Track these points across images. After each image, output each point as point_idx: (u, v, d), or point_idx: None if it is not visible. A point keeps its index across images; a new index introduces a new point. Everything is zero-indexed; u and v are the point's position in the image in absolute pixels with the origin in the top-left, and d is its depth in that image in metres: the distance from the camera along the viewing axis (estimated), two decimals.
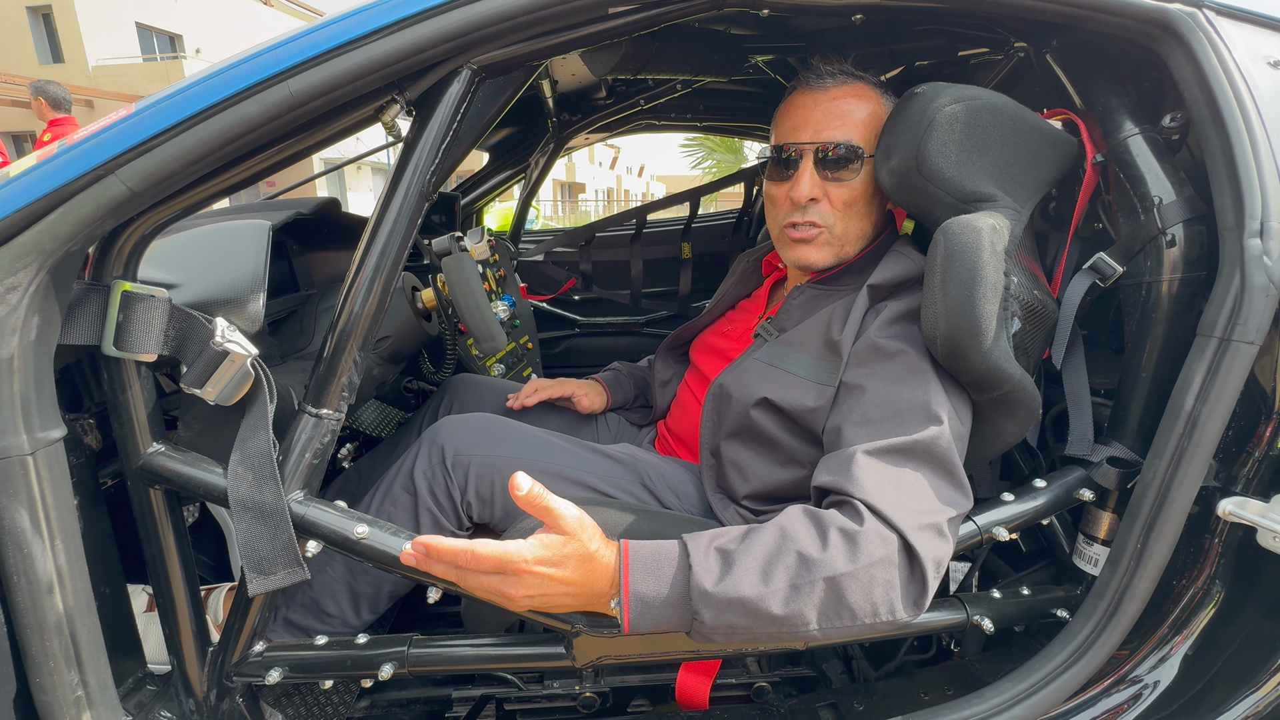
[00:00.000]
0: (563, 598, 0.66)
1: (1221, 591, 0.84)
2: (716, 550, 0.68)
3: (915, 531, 0.67)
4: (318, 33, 0.65)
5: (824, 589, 0.65)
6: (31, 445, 0.62)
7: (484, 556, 0.62)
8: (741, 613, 0.65)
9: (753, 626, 0.65)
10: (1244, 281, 0.71)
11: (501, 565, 0.63)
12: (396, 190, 0.73)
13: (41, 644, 0.65)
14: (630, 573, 0.67)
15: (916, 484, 0.72)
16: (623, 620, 0.66)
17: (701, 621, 0.65)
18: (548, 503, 0.64)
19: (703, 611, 0.65)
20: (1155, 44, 0.80)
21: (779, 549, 0.67)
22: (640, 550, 0.68)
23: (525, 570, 0.63)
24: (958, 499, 0.73)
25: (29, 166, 0.61)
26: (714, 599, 0.64)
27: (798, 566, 0.65)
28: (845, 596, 0.65)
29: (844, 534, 0.67)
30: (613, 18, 0.75)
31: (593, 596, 0.67)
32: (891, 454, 0.73)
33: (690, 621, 0.66)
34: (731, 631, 0.66)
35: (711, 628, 0.65)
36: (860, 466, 0.71)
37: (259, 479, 0.70)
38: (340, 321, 0.73)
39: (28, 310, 0.60)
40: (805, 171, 0.94)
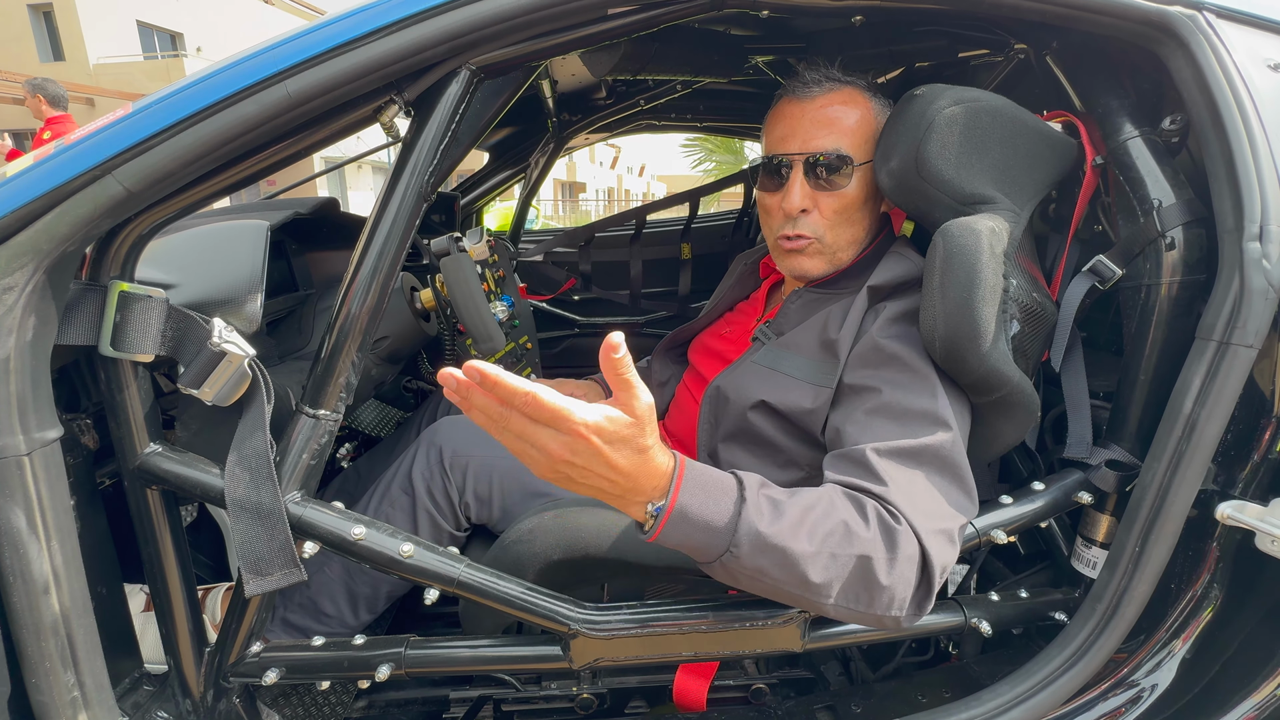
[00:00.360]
0: (599, 479, 0.59)
1: (1220, 595, 0.83)
2: (766, 496, 0.66)
3: (929, 535, 0.67)
4: (316, 33, 0.65)
5: (855, 566, 0.64)
6: (28, 445, 0.62)
7: (544, 404, 0.55)
8: (777, 561, 0.63)
9: (780, 579, 0.64)
10: (1243, 284, 0.71)
11: (557, 418, 0.55)
12: (395, 190, 0.73)
13: (37, 644, 0.65)
14: (684, 482, 0.63)
15: (929, 489, 0.71)
16: (657, 525, 0.62)
17: (735, 556, 0.62)
18: (630, 376, 0.57)
19: (742, 545, 0.62)
20: (1155, 46, 0.80)
21: (826, 514, 0.65)
22: (696, 468, 0.65)
23: (579, 433, 0.56)
24: (967, 506, 0.73)
25: (26, 166, 0.61)
26: (758, 539, 0.62)
27: (841, 536, 0.64)
28: (871, 581, 0.65)
29: (883, 523, 0.67)
30: (612, 18, 0.75)
31: (628, 492, 0.61)
32: (905, 456, 0.73)
33: (723, 551, 0.62)
34: (758, 575, 0.64)
35: (742, 565, 0.63)
36: (879, 465, 0.71)
37: (256, 479, 0.70)
38: (338, 322, 0.73)
39: (24, 310, 0.60)
40: (795, 183, 0.93)
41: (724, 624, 0.79)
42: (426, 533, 0.96)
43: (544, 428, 0.57)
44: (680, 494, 0.62)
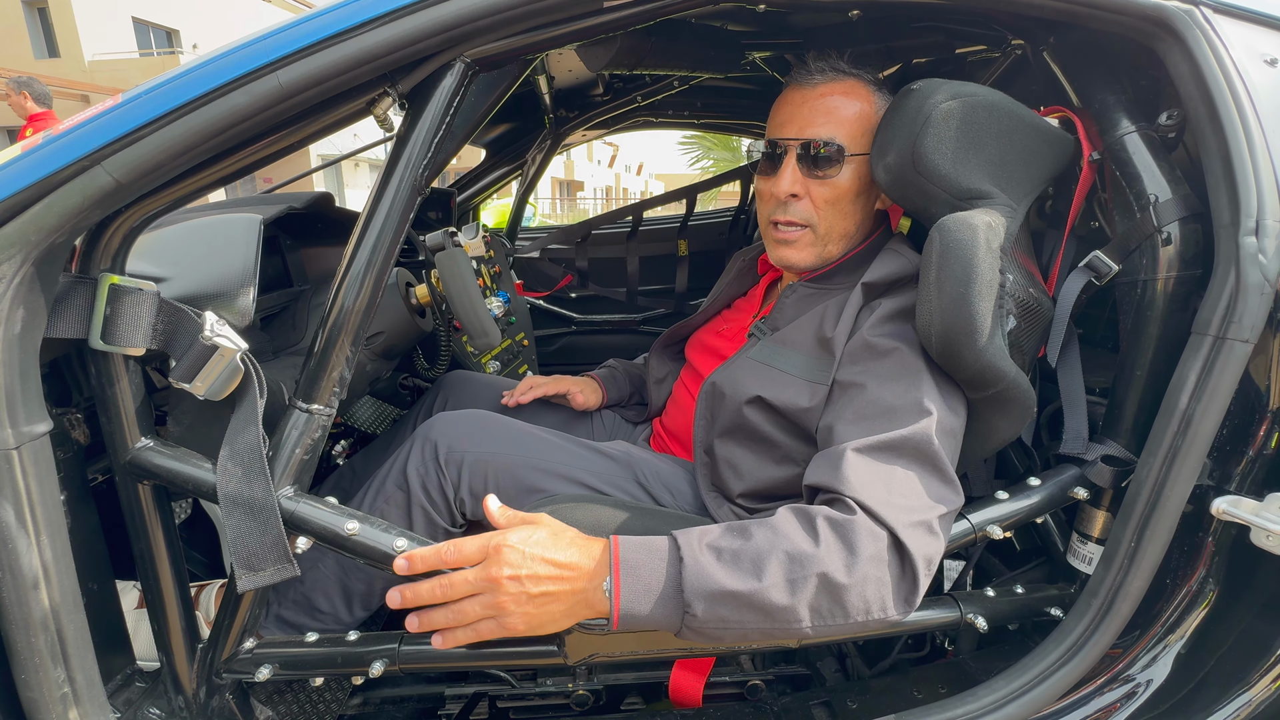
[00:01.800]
0: (551, 582, 0.64)
1: (1215, 590, 0.83)
2: (708, 546, 0.67)
3: (906, 529, 0.67)
4: (308, 23, 0.64)
5: (817, 584, 0.64)
6: (16, 439, 0.62)
7: (466, 545, 0.65)
8: (734, 605, 0.64)
9: (745, 621, 0.65)
10: (1239, 279, 0.71)
11: (483, 548, 0.64)
12: (388, 184, 0.72)
13: (27, 640, 0.65)
14: (621, 561, 0.66)
15: (906, 481, 0.71)
16: (612, 613, 0.65)
17: (693, 615, 0.64)
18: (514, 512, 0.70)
19: (695, 604, 0.64)
20: (1152, 41, 0.80)
21: (770, 544, 0.66)
22: (630, 543, 0.68)
23: (504, 545, 0.64)
24: (948, 496, 0.73)
25: (13, 157, 0.60)
26: (706, 592, 0.64)
27: (789, 562, 0.65)
28: (838, 593, 0.65)
29: (834, 528, 0.67)
30: (608, 11, 0.74)
31: (585, 578, 0.66)
32: (881, 451, 0.73)
33: (682, 615, 0.65)
34: (724, 625, 0.65)
35: (704, 621, 0.64)
36: (849, 464, 0.71)
37: (248, 474, 0.70)
38: (331, 316, 0.73)
39: (12, 303, 0.60)
40: (788, 167, 0.94)
41: None
42: (421, 529, 0.95)
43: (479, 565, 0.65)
44: (621, 571, 0.66)
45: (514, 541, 0.65)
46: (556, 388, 1.26)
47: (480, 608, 0.64)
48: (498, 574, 0.63)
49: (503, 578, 0.63)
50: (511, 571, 0.63)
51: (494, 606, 0.64)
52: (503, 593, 0.63)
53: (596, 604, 0.66)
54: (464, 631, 0.65)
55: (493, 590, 0.64)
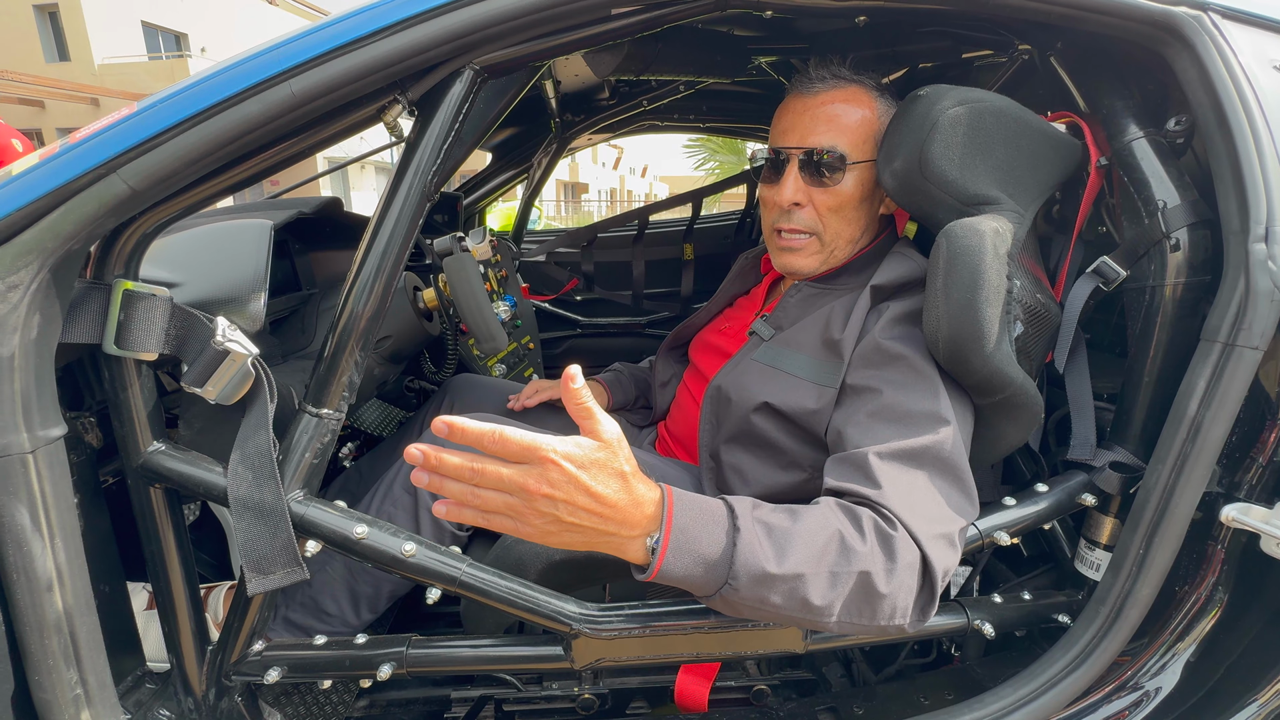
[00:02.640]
0: (587, 515, 0.58)
1: (1224, 598, 0.83)
2: (759, 521, 0.64)
3: (930, 540, 0.67)
4: (320, 32, 0.65)
5: (857, 583, 0.64)
6: (32, 443, 0.62)
7: (511, 439, 0.55)
8: (776, 590, 0.62)
9: (781, 605, 0.63)
10: (1248, 286, 0.71)
11: (526, 451, 0.55)
12: (398, 190, 0.73)
13: (41, 642, 0.65)
14: (674, 526, 0.61)
15: (930, 492, 0.71)
16: (655, 561, 0.60)
17: (735, 589, 0.61)
18: (590, 405, 0.57)
19: (740, 577, 0.61)
20: (1160, 47, 0.79)
21: (821, 531, 0.64)
22: (685, 504, 0.63)
23: (551, 459, 0.55)
24: (967, 508, 0.73)
25: (31, 165, 0.61)
26: (755, 573, 0.61)
27: (838, 554, 0.63)
28: (873, 595, 0.64)
29: (879, 533, 0.66)
30: (615, 19, 0.75)
31: (620, 525, 0.60)
32: (904, 459, 0.72)
33: (721, 584, 0.61)
34: (760, 605, 0.63)
35: (742, 596, 0.62)
36: (877, 470, 0.70)
37: (259, 478, 0.70)
38: (341, 321, 0.73)
39: (29, 308, 0.60)
40: (790, 176, 0.94)
41: (726, 625, 0.78)
42: (428, 532, 0.96)
43: (517, 467, 0.56)
44: (674, 519, 0.61)
45: (563, 458, 0.56)
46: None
47: (503, 504, 0.57)
48: (535, 486, 0.56)
49: (539, 492, 0.56)
50: (549, 490, 0.56)
51: (516, 511, 0.57)
52: (532, 505, 0.57)
53: (630, 552, 0.61)
54: (472, 512, 0.58)
55: (523, 497, 0.57)
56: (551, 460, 0.56)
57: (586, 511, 0.58)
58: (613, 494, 0.58)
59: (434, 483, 0.57)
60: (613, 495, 0.58)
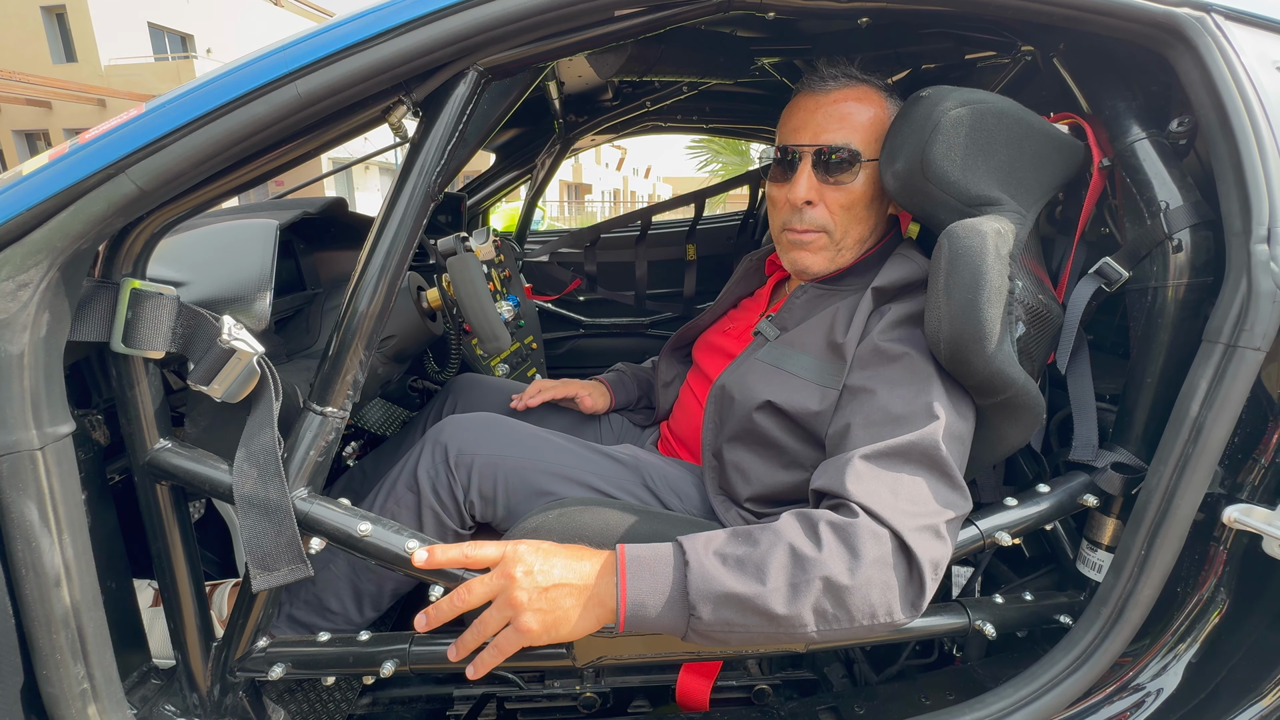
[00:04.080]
0: (560, 573, 0.67)
1: (1226, 599, 0.83)
2: (714, 552, 0.68)
3: (912, 533, 0.67)
4: (326, 34, 0.66)
5: (821, 588, 0.65)
6: (41, 440, 0.63)
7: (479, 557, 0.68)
8: (738, 609, 0.65)
9: (750, 624, 0.66)
10: (1251, 287, 0.71)
11: (500, 547, 0.68)
12: (402, 191, 0.73)
13: (49, 637, 0.66)
14: (628, 559, 0.68)
15: (913, 486, 0.71)
16: (619, 612, 0.66)
17: (699, 618, 0.65)
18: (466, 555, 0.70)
19: (700, 607, 0.65)
20: (1163, 48, 0.79)
21: (773, 548, 0.67)
22: (635, 550, 0.69)
23: (510, 545, 0.68)
24: (955, 500, 0.73)
25: (41, 165, 0.62)
26: (712, 595, 0.65)
27: (792, 565, 0.66)
28: (842, 597, 0.65)
29: (835, 532, 0.67)
30: (618, 20, 0.75)
31: (595, 582, 0.68)
32: (888, 456, 0.73)
33: (688, 619, 0.66)
34: (729, 629, 0.66)
35: (709, 624, 0.65)
36: (855, 469, 0.72)
37: (264, 476, 0.71)
38: (345, 320, 0.74)
39: (38, 307, 0.61)
40: (803, 174, 0.94)
41: None
42: (431, 530, 0.96)
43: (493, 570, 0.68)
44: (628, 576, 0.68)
45: (528, 543, 0.69)
46: (565, 391, 1.26)
47: (497, 613, 0.66)
48: (512, 570, 0.66)
49: (517, 574, 0.66)
50: (524, 567, 0.66)
51: (510, 604, 0.65)
52: (517, 588, 0.65)
53: (607, 600, 0.67)
54: (489, 653, 0.67)
55: (507, 587, 0.66)
56: (519, 544, 0.69)
57: (561, 570, 0.67)
58: (576, 556, 0.69)
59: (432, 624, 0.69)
60: (576, 556, 0.69)
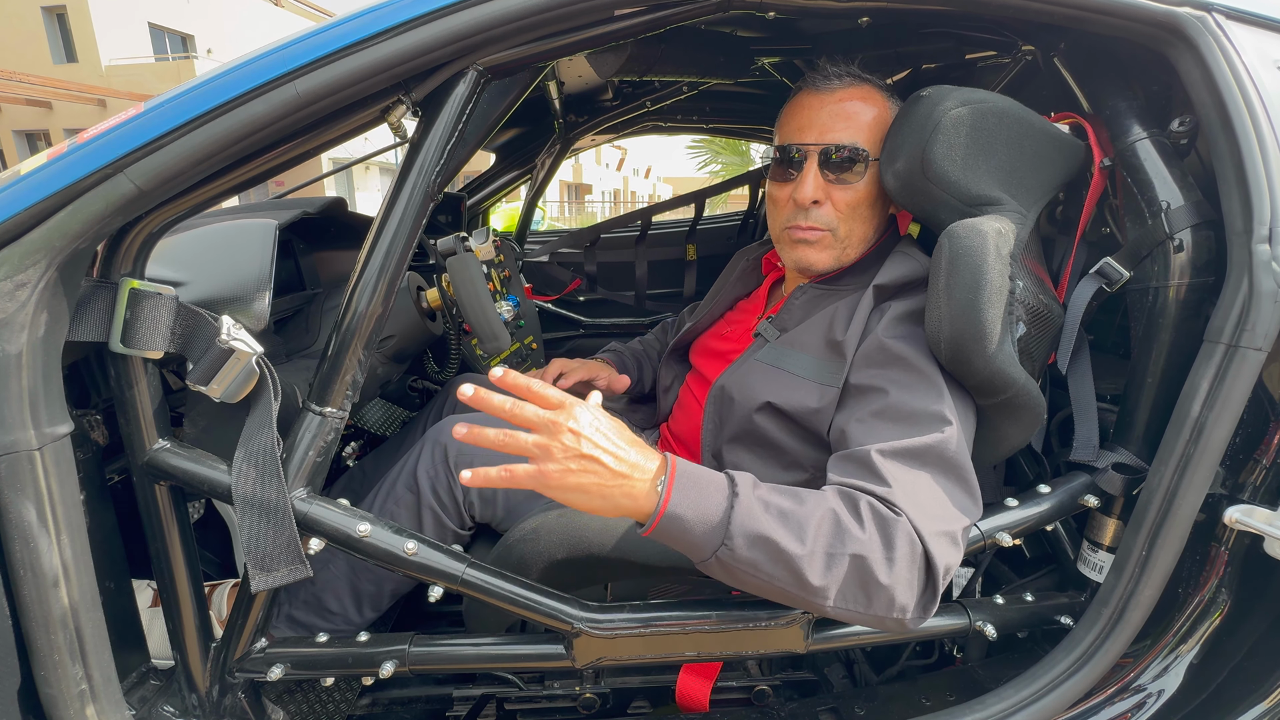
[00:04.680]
0: (604, 454, 0.64)
1: (1228, 600, 0.83)
2: (759, 496, 0.68)
3: (932, 538, 0.67)
4: (325, 33, 0.65)
5: (851, 566, 0.65)
6: (39, 440, 0.63)
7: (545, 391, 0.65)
8: (770, 555, 0.65)
9: (775, 575, 0.65)
10: (1252, 287, 0.70)
11: (563, 400, 0.65)
12: (402, 191, 0.73)
13: (47, 637, 0.66)
14: (679, 471, 0.67)
15: (933, 490, 0.71)
16: (658, 511, 0.65)
17: (729, 548, 0.65)
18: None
19: (736, 538, 0.64)
20: (1164, 48, 0.79)
21: (816, 509, 0.67)
22: (686, 465, 0.68)
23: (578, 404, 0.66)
24: (970, 508, 0.73)
25: (39, 164, 0.62)
26: (752, 533, 0.64)
27: (833, 534, 0.66)
28: (870, 582, 0.65)
29: (876, 518, 0.67)
30: (618, 19, 0.75)
31: (632, 468, 0.65)
32: (909, 457, 0.73)
33: (719, 546, 0.65)
34: (753, 570, 0.65)
35: (737, 558, 0.65)
36: (882, 466, 0.71)
37: (263, 476, 0.71)
38: (345, 321, 0.74)
39: (36, 307, 0.61)
40: (809, 173, 0.93)
41: (727, 624, 0.78)
42: (431, 531, 0.96)
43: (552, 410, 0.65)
44: (679, 466, 0.67)
45: (590, 409, 0.67)
46: (588, 373, 1.24)
47: (532, 443, 0.63)
48: (562, 421, 0.64)
49: (565, 427, 0.63)
50: (575, 425, 0.64)
51: (543, 449, 0.63)
52: (557, 439, 0.63)
53: (639, 497, 0.65)
54: (498, 471, 0.63)
55: (549, 433, 0.63)
56: (581, 405, 0.66)
57: (604, 450, 0.64)
58: (626, 440, 0.67)
59: (472, 433, 0.63)
60: (626, 441, 0.67)
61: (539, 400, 0.65)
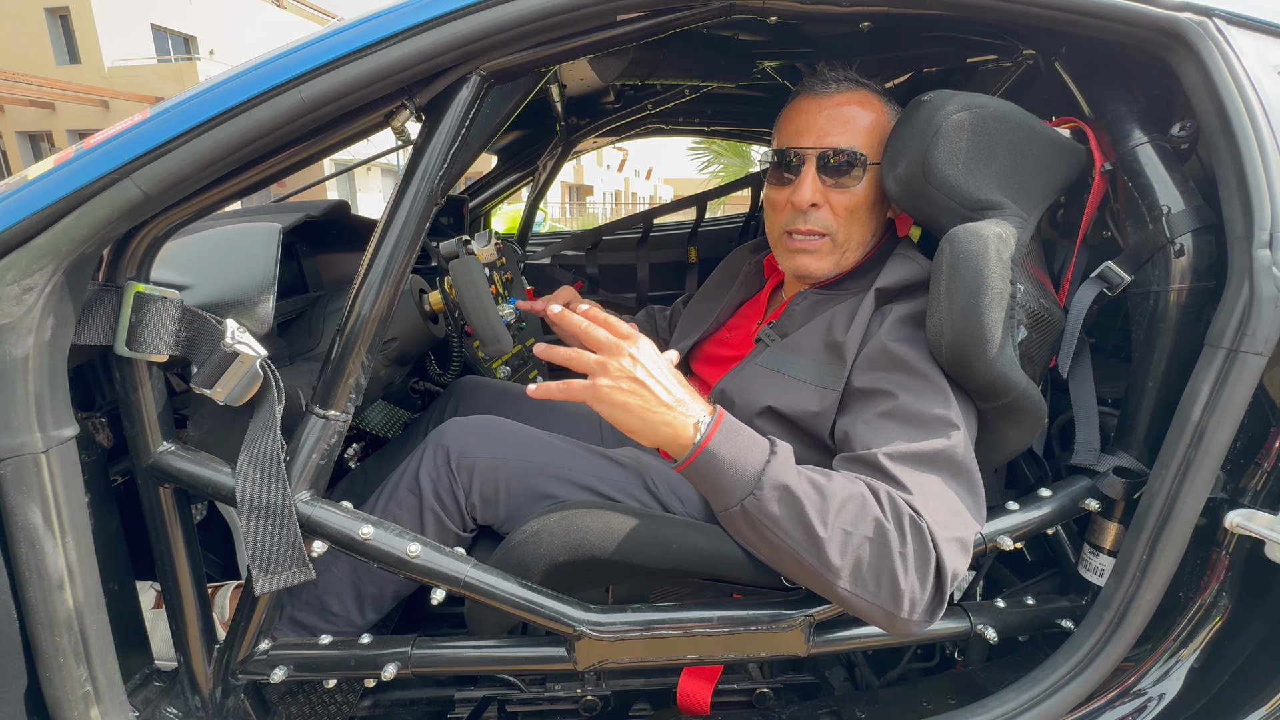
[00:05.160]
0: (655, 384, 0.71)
1: (1229, 604, 0.83)
2: (794, 464, 0.71)
3: (944, 543, 0.68)
4: (330, 39, 0.66)
5: (868, 549, 0.67)
6: (45, 443, 0.63)
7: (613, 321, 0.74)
8: (793, 512, 0.68)
9: (791, 535, 0.68)
10: (1253, 292, 0.71)
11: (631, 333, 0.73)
12: (405, 195, 0.73)
13: (52, 639, 0.66)
14: (721, 424, 0.71)
15: (944, 495, 0.72)
16: (698, 445, 0.69)
17: (757, 499, 0.68)
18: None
19: (766, 489, 0.68)
20: (1165, 53, 0.80)
21: (845, 487, 0.70)
22: (733, 420, 0.73)
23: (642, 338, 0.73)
24: (977, 514, 0.74)
25: (46, 170, 0.62)
26: (782, 486, 0.68)
27: (857, 513, 0.68)
28: (882, 568, 0.67)
29: (897, 513, 0.68)
30: (620, 24, 0.75)
31: (678, 403, 0.71)
32: (919, 461, 0.73)
33: (747, 494, 0.68)
34: (773, 525, 0.68)
35: (762, 510, 0.68)
36: (894, 469, 0.72)
37: (266, 479, 0.71)
38: (348, 324, 0.74)
39: (43, 311, 0.61)
40: (808, 177, 0.94)
41: (728, 627, 0.79)
42: (433, 533, 0.96)
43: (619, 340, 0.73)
44: (724, 416, 0.72)
45: (653, 347, 0.74)
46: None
47: (594, 361, 0.71)
48: (625, 348, 0.71)
49: (625, 350, 0.71)
50: (635, 352, 0.72)
51: (600, 365, 0.71)
52: (615, 360, 0.71)
53: (678, 428, 0.70)
54: (557, 385, 0.72)
55: (611, 354, 0.71)
56: (643, 339, 0.74)
57: (657, 383, 0.71)
58: (678, 381, 0.74)
59: (546, 349, 0.74)
60: (678, 381, 0.74)
61: (610, 328, 0.74)
